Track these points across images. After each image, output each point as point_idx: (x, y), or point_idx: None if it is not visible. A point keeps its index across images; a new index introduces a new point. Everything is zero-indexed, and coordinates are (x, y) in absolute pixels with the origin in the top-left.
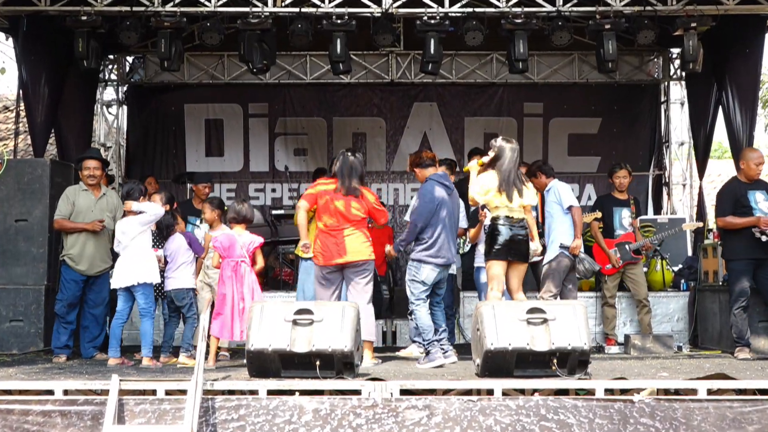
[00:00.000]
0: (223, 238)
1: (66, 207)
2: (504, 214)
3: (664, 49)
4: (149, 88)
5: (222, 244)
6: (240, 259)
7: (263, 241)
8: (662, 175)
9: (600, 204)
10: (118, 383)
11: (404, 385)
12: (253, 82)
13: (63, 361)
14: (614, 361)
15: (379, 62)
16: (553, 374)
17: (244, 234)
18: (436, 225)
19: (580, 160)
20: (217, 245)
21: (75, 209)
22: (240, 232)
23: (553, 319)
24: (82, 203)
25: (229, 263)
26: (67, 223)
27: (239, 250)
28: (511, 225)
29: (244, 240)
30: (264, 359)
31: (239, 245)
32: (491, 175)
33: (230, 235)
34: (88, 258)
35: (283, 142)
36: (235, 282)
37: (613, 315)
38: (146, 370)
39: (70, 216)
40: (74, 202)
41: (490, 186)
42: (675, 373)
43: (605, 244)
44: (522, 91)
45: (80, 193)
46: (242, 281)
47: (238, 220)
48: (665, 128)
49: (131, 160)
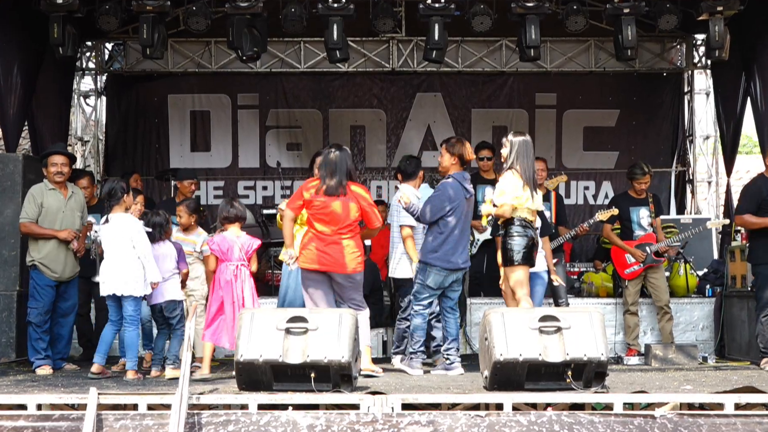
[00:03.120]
0: (220, 240)
1: (33, 209)
2: (523, 215)
3: (687, 36)
4: (130, 78)
5: (220, 246)
6: (240, 262)
7: (260, 244)
8: (686, 171)
9: (615, 204)
10: (97, 397)
11: (406, 399)
12: (243, 70)
13: (49, 373)
14: (634, 373)
15: (379, 49)
16: (568, 387)
17: (242, 235)
18: (445, 228)
19: (596, 156)
20: (214, 248)
21: (43, 211)
22: (238, 234)
23: (567, 328)
24: (51, 204)
25: (228, 267)
26: (36, 228)
27: (238, 253)
28: (528, 227)
29: (243, 242)
30: (254, 371)
31: (238, 247)
32: (509, 176)
33: (228, 237)
34: (61, 262)
35: (275, 135)
36: (235, 286)
37: (635, 323)
38: (127, 383)
39: (38, 219)
40: (42, 203)
41: (517, 185)
42: (700, 386)
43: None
44: (533, 80)
45: (47, 192)
46: (243, 286)
47: (231, 219)
48: (689, 121)
49: (110, 156)
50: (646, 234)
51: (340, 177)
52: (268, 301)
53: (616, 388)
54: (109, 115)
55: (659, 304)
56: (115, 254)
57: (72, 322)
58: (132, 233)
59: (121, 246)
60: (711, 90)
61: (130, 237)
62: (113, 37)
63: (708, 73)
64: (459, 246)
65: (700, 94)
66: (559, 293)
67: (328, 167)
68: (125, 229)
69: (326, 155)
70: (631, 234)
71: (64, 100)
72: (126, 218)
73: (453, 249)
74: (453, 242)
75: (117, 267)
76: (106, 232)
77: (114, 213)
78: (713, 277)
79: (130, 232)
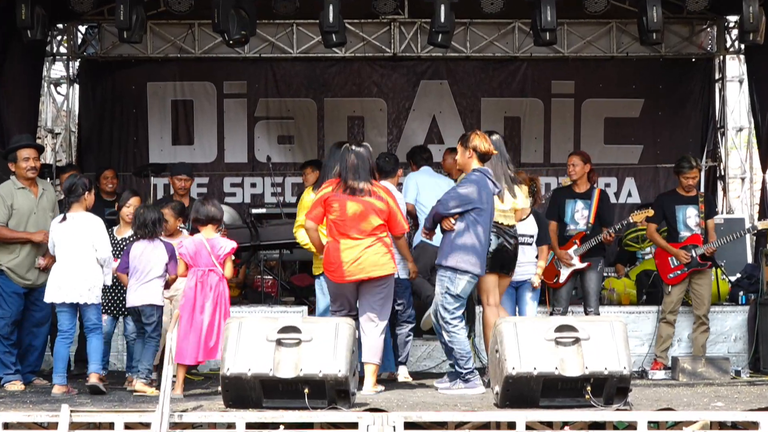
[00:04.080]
0: (189, 243)
1: (3, 211)
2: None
3: (719, 17)
4: (105, 64)
5: (188, 250)
6: (208, 267)
7: (236, 246)
8: (716, 167)
9: (660, 202)
10: (69, 415)
11: (409, 417)
12: (229, 56)
13: (19, 389)
14: (659, 388)
15: (379, 33)
16: (587, 404)
17: (213, 238)
18: (475, 226)
19: (618, 150)
20: (183, 252)
21: (14, 213)
22: (209, 236)
23: (586, 339)
24: (22, 205)
25: (195, 272)
26: (7, 232)
27: (207, 258)
28: (500, 233)
29: (213, 244)
30: (242, 386)
31: (207, 251)
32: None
33: (196, 240)
34: (33, 266)
35: (264, 127)
36: (199, 294)
37: (668, 335)
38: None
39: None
40: (12, 204)
41: None
42: (732, 403)
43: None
44: (549, 67)
45: (17, 192)
46: (207, 294)
47: (201, 221)
48: (720, 111)
49: (84, 150)
50: (692, 235)
51: (367, 176)
52: (257, 309)
53: (640, 405)
54: (83, 105)
55: (697, 312)
56: (73, 257)
57: (46, 333)
58: (95, 234)
59: (82, 248)
60: (744, 77)
61: (93, 238)
62: (87, 19)
63: (741, 58)
64: (485, 248)
65: (732, 81)
66: (588, 301)
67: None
68: (87, 229)
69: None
70: (677, 235)
71: (33, 88)
72: (88, 218)
73: (483, 251)
74: (483, 245)
75: (76, 271)
76: (64, 231)
77: (73, 211)
78: (747, 283)
79: (93, 233)
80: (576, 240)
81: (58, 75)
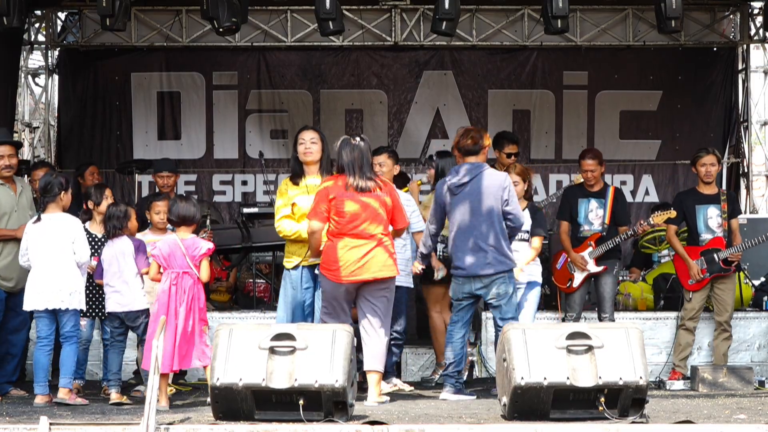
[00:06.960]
0: (163, 244)
1: None
2: None
3: (742, 3)
4: (87, 53)
5: (161, 251)
6: (182, 269)
7: (212, 248)
8: (739, 163)
9: (678, 201)
10: (48, 427)
11: (411, 429)
12: (219, 45)
13: None
14: (678, 399)
15: (379, 20)
16: (601, 416)
17: (187, 239)
18: (450, 228)
19: (635, 145)
20: (156, 253)
21: None
22: (183, 236)
23: (600, 347)
24: (2, 203)
25: (168, 275)
26: None
27: (181, 259)
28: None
29: (187, 245)
30: (233, 397)
31: (181, 252)
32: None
33: (171, 240)
34: (16, 269)
35: (256, 121)
36: (173, 297)
37: (688, 343)
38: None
39: None
40: None
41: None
42: (755, 416)
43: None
44: (561, 56)
45: None
46: (181, 297)
47: (174, 222)
48: (743, 104)
49: (64, 145)
50: (714, 238)
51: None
52: (249, 315)
53: (657, 417)
54: (63, 97)
55: (719, 319)
56: (50, 260)
57: (24, 340)
58: (74, 236)
59: (59, 250)
60: None
61: (72, 240)
62: (67, 6)
63: (766, 47)
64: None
65: (756, 72)
66: (603, 307)
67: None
68: (65, 230)
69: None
70: (697, 237)
71: (9, 79)
72: (65, 218)
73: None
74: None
75: (55, 276)
76: (39, 233)
77: (49, 212)
78: None
79: (72, 235)
80: (591, 242)
81: (36, 65)
